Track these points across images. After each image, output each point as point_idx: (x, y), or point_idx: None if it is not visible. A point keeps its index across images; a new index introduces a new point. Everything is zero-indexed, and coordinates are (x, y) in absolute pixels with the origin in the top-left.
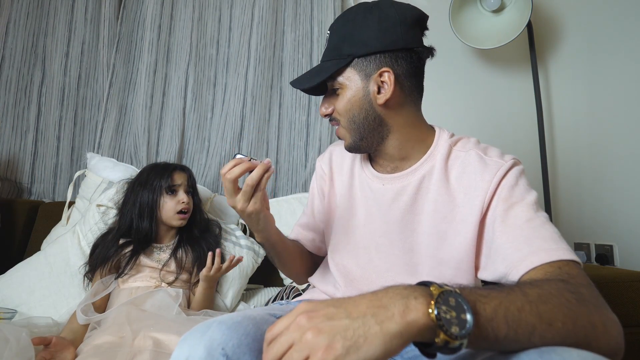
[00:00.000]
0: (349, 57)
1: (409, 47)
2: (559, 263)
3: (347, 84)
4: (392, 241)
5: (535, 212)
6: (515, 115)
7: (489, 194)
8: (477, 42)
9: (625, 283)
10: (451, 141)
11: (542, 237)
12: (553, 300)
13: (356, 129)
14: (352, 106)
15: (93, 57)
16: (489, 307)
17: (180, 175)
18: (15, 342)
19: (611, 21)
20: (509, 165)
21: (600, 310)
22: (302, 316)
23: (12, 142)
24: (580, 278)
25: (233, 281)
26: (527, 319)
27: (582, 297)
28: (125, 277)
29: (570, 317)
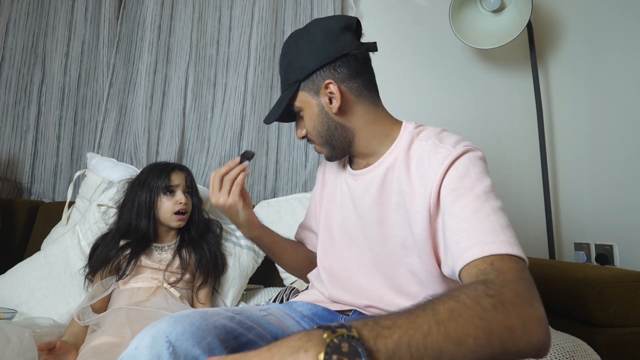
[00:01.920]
0: (295, 83)
1: (342, 54)
2: (492, 258)
3: (304, 106)
4: (366, 234)
5: (483, 202)
6: (515, 115)
7: (436, 183)
8: (477, 42)
9: (625, 283)
10: (415, 132)
11: (483, 230)
12: (465, 314)
13: (325, 142)
14: (315, 123)
15: (93, 57)
16: (390, 340)
17: (178, 176)
18: (18, 342)
19: (611, 21)
20: (458, 153)
21: (521, 309)
22: None
23: (12, 142)
24: (509, 274)
25: (233, 281)
26: (433, 344)
27: (502, 299)
28: (126, 278)
29: (484, 328)
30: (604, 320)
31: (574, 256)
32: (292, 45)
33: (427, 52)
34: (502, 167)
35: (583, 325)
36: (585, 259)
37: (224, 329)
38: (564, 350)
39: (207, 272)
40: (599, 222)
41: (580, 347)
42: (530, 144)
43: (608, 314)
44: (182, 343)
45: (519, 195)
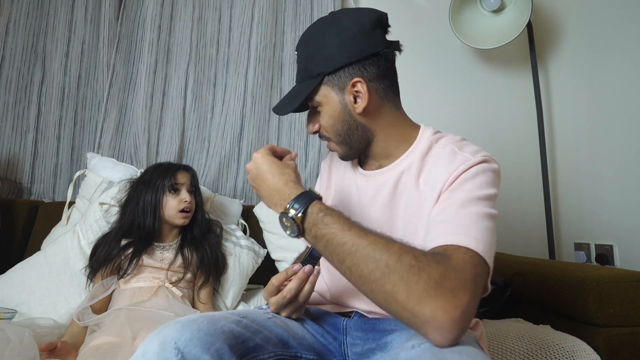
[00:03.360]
0: (319, 76)
1: (374, 52)
2: (449, 246)
3: (325, 101)
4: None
5: (472, 205)
6: (515, 115)
7: (445, 185)
8: (477, 42)
9: (625, 283)
10: (434, 138)
11: (458, 224)
12: (380, 254)
13: (343, 141)
14: (335, 121)
15: (93, 57)
16: (319, 232)
17: (184, 175)
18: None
19: (611, 21)
20: (476, 161)
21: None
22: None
23: (12, 142)
24: (453, 261)
25: (233, 281)
26: (340, 252)
27: (422, 268)
28: (128, 278)
29: (382, 271)
30: (604, 320)
31: (574, 256)
32: (319, 34)
33: (427, 52)
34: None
35: (583, 325)
36: (585, 259)
37: (232, 334)
38: (564, 350)
39: (208, 272)
40: (599, 222)
41: (580, 347)
42: (530, 144)
43: (608, 314)
44: (191, 349)
45: (519, 195)
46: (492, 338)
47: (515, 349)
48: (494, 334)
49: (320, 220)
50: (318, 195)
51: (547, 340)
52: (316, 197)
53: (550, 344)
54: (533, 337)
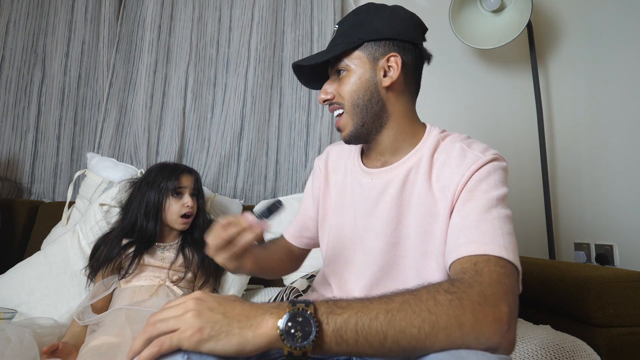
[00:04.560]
0: (359, 40)
1: (415, 42)
2: (478, 258)
3: (354, 67)
4: (377, 234)
5: (491, 208)
6: (515, 115)
7: (460, 186)
8: (477, 42)
9: (625, 283)
10: (440, 136)
11: (482, 231)
12: (416, 306)
13: (359, 112)
14: (358, 88)
15: (93, 57)
16: (340, 318)
17: (187, 178)
18: (19, 342)
19: (611, 21)
20: (487, 159)
21: (479, 308)
22: (192, 301)
23: (12, 142)
24: (485, 276)
25: (233, 281)
26: (377, 327)
27: (460, 297)
28: (128, 277)
29: (430, 321)
30: (604, 320)
31: (574, 256)
32: (372, 9)
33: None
34: None
35: (583, 325)
36: (585, 259)
37: None
38: (564, 350)
39: (209, 273)
40: (599, 222)
41: (580, 347)
42: (530, 143)
43: (608, 314)
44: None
45: (519, 195)
46: None
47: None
48: None
49: (335, 306)
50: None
51: (547, 340)
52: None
53: (551, 344)
54: (533, 337)
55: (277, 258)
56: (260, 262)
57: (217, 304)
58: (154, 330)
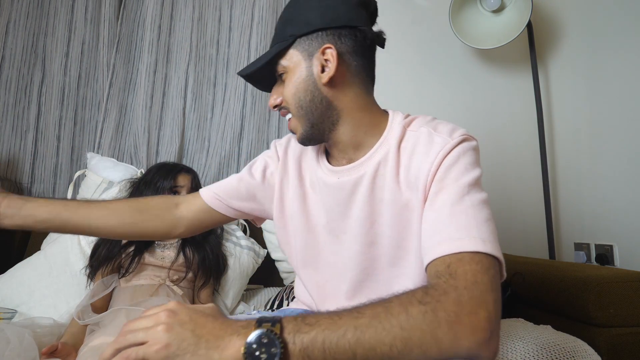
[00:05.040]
0: (290, 37)
1: (353, 25)
2: (452, 258)
3: (291, 67)
4: (354, 236)
5: (463, 196)
6: (515, 115)
7: (430, 176)
8: (477, 42)
9: (625, 283)
10: (405, 122)
11: (456, 225)
12: (387, 322)
13: (305, 115)
14: (297, 89)
15: (93, 57)
16: (307, 336)
17: (185, 178)
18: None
19: (611, 21)
20: (455, 142)
21: (456, 318)
22: (165, 313)
23: (12, 142)
24: (461, 278)
25: (233, 281)
26: (345, 346)
27: (435, 307)
28: (129, 276)
29: (402, 337)
30: (604, 320)
31: (574, 256)
32: (309, 5)
33: (427, 52)
34: (502, 167)
35: (583, 325)
36: (585, 259)
37: None
38: (564, 350)
39: (209, 273)
40: (599, 222)
41: (580, 347)
42: (530, 143)
43: (608, 314)
44: None
45: (519, 195)
46: None
47: (515, 349)
48: None
49: (302, 323)
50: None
51: (548, 340)
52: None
53: (551, 344)
54: (533, 337)
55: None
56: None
57: (188, 318)
58: (123, 341)
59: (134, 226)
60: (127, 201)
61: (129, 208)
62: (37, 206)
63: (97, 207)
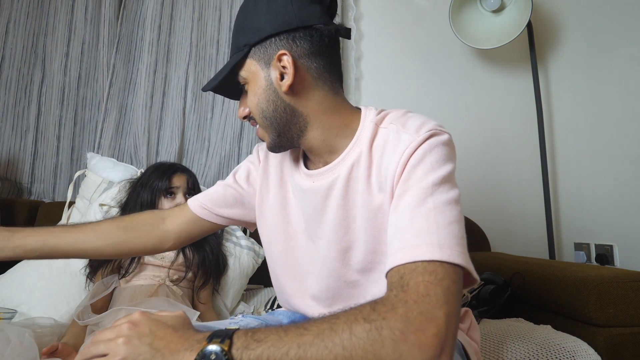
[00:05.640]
0: (245, 47)
1: (306, 25)
2: (405, 269)
3: (250, 77)
4: (328, 243)
5: (426, 198)
6: (515, 115)
7: (396, 177)
8: (477, 42)
9: (625, 283)
10: (377, 119)
11: (416, 230)
12: (330, 340)
13: (270, 125)
14: (260, 100)
15: (93, 57)
16: (253, 354)
17: (180, 178)
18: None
19: (611, 21)
20: (421, 139)
21: (402, 337)
22: (126, 325)
23: (12, 142)
24: (411, 292)
25: (233, 281)
26: None
27: (379, 325)
28: (128, 277)
29: (343, 357)
30: (604, 320)
31: (574, 256)
32: (250, 3)
33: (427, 52)
34: (502, 167)
35: (583, 325)
36: (585, 259)
37: None
38: (564, 350)
39: (209, 273)
40: (599, 222)
41: (580, 347)
42: (530, 144)
43: (608, 314)
44: None
45: (519, 195)
46: (492, 338)
47: (515, 349)
48: (494, 334)
49: (251, 339)
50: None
51: (548, 340)
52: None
53: (551, 344)
54: (533, 337)
55: (158, 233)
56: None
57: (148, 330)
58: (87, 353)
59: (121, 245)
60: (114, 220)
61: (115, 227)
62: (25, 236)
63: (83, 231)
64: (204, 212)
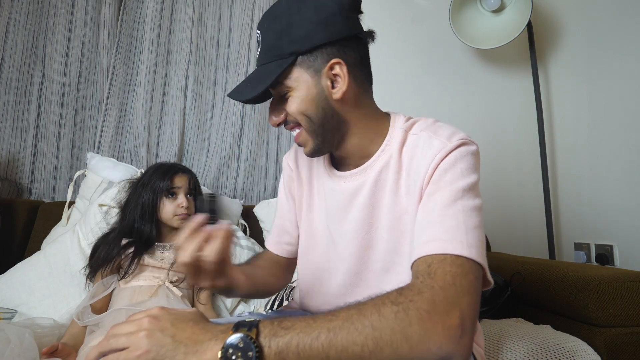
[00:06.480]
0: (291, 55)
1: (352, 35)
2: (434, 258)
3: (296, 86)
4: (349, 240)
5: (456, 200)
6: (515, 115)
7: (426, 178)
8: (477, 42)
9: (625, 283)
10: (406, 126)
11: (444, 227)
12: (359, 322)
13: (316, 130)
14: (307, 106)
15: (93, 57)
16: (282, 340)
17: (181, 178)
18: (18, 343)
19: (611, 21)
20: (453, 146)
21: (428, 317)
22: (147, 319)
23: (12, 142)
24: (439, 279)
25: None
26: (319, 348)
27: (407, 307)
28: (128, 277)
29: (373, 337)
30: (604, 320)
31: (574, 256)
32: (292, 8)
33: (427, 52)
34: (502, 167)
35: (583, 325)
36: (585, 259)
37: None
38: (564, 350)
39: None
40: (599, 222)
41: (580, 347)
42: (531, 144)
43: (608, 314)
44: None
45: (519, 195)
46: (492, 338)
47: (515, 349)
48: (494, 334)
49: (278, 327)
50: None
51: (548, 340)
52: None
53: (551, 344)
54: (533, 337)
55: (266, 272)
56: (251, 278)
57: (169, 324)
58: (106, 346)
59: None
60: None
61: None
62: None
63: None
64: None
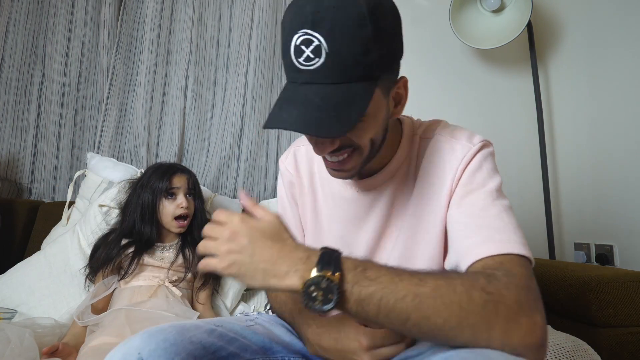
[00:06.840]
0: (377, 75)
1: None
2: (503, 258)
3: (374, 111)
4: (366, 249)
5: (493, 200)
6: (515, 115)
7: (455, 181)
8: (477, 42)
9: (625, 283)
10: (420, 131)
11: (495, 227)
12: (447, 298)
13: (372, 152)
14: (378, 131)
15: (93, 57)
16: (365, 291)
17: (181, 179)
18: (19, 343)
19: (611, 21)
20: (477, 148)
21: (514, 317)
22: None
23: (12, 142)
24: (518, 278)
25: (233, 282)
26: (402, 309)
27: (497, 300)
28: (128, 277)
29: (458, 316)
30: (604, 320)
31: (574, 256)
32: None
33: (427, 52)
34: (502, 167)
35: (583, 325)
36: (585, 259)
37: (201, 345)
38: (565, 350)
39: (208, 274)
40: (599, 222)
41: (580, 347)
42: (530, 144)
43: (608, 314)
44: (155, 359)
45: (519, 195)
46: None
47: None
48: None
49: (362, 276)
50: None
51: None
52: (338, 251)
53: (551, 344)
54: None
55: None
56: None
57: (247, 241)
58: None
59: None
60: None
61: None
62: None
63: None
64: None
